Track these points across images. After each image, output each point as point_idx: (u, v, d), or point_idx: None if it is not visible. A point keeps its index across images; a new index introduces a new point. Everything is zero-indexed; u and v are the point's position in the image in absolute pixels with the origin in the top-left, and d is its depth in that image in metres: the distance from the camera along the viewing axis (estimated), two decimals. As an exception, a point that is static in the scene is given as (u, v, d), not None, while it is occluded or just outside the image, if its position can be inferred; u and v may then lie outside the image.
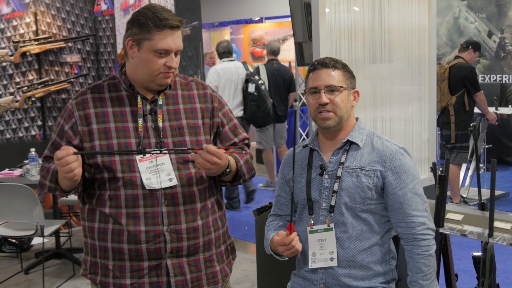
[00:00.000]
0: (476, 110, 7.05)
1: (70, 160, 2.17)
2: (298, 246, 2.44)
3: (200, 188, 2.39)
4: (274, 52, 8.15)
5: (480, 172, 8.18)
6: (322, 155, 2.53)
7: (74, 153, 2.19)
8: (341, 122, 2.47)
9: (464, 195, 7.14)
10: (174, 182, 2.34)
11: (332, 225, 2.45)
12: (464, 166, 7.20)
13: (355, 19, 3.32)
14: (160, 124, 2.37)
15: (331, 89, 2.44)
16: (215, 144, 2.52)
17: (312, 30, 3.17)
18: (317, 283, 2.49)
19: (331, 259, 2.44)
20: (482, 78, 9.47)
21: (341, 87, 2.45)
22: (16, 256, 5.88)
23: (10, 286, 5.17)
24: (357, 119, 2.58)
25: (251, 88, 7.28)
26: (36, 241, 6.10)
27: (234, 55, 7.79)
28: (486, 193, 3.86)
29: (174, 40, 2.31)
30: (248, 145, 2.64)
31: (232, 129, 2.57)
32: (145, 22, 2.28)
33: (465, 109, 6.79)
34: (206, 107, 2.48)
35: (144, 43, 2.29)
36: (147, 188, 2.30)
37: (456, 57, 7.03)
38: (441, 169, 2.99)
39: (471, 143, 7.06)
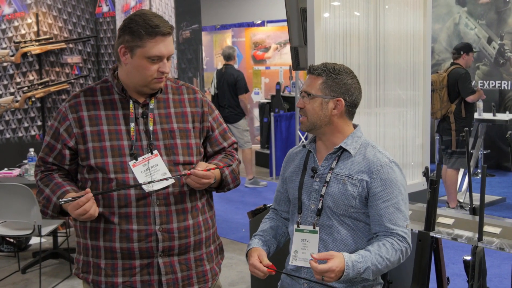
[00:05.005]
0: (476, 116, 7.07)
1: (87, 208, 2.23)
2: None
3: (191, 188, 2.42)
4: (225, 57, 8.71)
5: (478, 177, 8.23)
6: (317, 158, 2.56)
7: (94, 194, 2.26)
8: (315, 128, 2.49)
9: (461, 200, 7.17)
10: (171, 180, 2.37)
11: (317, 228, 2.46)
12: (461, 171, 7.23)
13: (351, 25, 3.34)
14: (151, 127, 2.40)
15: (307, 95, 2.48)
16: (205, 148, 2.58)
17: (308, 35, 3.19)
18: (301, 282, 2.51)
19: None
20: (481, 84, 9.48)
21: (315, 95, 2.46)
22: (13, 255, 5.90)
23: (7, 285, 5.19)
24: (356, 126, 2.57)
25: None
26: (34, 240, 6.11)
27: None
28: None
29: (166, 46, 2.34)
30: (236, 149, 2.69)
31: (222, 133, 2.62)
32: (136, 30, 2.30)
33: (462, 116, 6.82)
34: (196, 111, 2.52)
35: (136, 50, 2.32)
36: (147, 191, 2.34)
37: (452, 63, 7.02)
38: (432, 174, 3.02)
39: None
